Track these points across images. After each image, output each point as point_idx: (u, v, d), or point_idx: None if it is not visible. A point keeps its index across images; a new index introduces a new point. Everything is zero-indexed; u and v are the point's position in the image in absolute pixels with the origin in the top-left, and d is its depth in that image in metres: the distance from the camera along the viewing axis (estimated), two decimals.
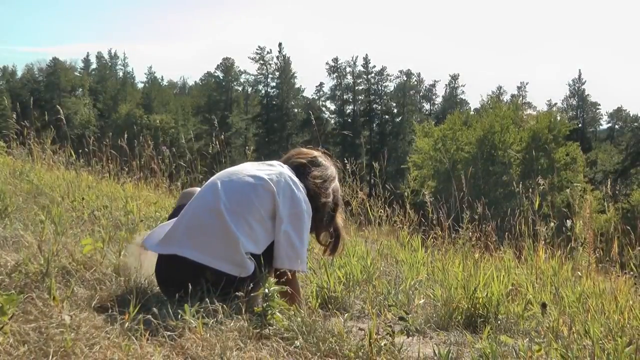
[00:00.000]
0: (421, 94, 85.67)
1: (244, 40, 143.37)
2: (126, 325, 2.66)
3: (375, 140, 75.21)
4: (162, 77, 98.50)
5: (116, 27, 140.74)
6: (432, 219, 6.65)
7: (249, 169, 3.57)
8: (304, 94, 79.91)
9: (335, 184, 3.84)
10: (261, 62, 76.86)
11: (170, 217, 3.76)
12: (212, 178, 3.62)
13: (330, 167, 3.84)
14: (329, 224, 3.84)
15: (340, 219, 3.93)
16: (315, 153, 3.88)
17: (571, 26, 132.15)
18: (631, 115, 78.66)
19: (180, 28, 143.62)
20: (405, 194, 6.93)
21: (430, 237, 6.47)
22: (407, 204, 6.78)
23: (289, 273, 3.41)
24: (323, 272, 4.47)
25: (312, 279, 4.41)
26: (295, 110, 75.46)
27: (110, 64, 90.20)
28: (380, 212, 6.66)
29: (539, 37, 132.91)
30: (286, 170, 3.60)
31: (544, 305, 3.75)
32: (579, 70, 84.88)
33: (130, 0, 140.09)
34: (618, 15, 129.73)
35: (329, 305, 4.08)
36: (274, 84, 77.18)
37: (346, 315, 3.47)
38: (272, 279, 3.17)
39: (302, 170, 3.71)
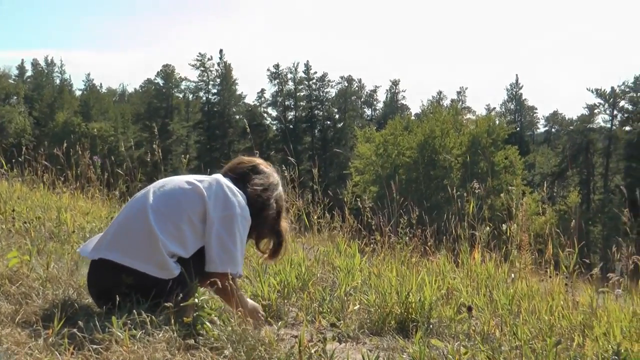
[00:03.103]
0: (362, 99, 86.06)
1: (184, 48, 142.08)
2: (50, 340, 2.61)
3: (318, 146, 75.29)
4: (100, 84, 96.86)
5: (52, 33, 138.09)
6: (371, 225, 6.67)
7: (183, 176, 3.57)
8: (246, 101, 79.68)
9: (279, 190, 3.84)
10: (202, 68, 76.32)
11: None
12: (145, 187, 3.60)
13: (272, 175, 3.84)
14: (272, 230, 3.83)
15: (285, 224, 3.92)
16: (257, 161, 3.88)
17: (508, 31, 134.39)
18: (567, 118, 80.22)
19: (120, 35, 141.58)
20: (345, 199, 6.93)
21: (363, 241, 6.48)
22: (347, 209, 6.79)
23: (226, 279, 3.37)
24: (258, 280, 4.46)
25: (246, 288, 4.40)
26: (237, 117, 75.06)
27: (46, 71, 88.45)
28: (319, 218, 6.67)
29: (477, 43, 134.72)
30: (223, 179, 3.59)
31: (469, 309, 3.80)
32: (516, 75, 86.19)
33: (66, 6, 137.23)
34: (553, 21, 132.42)
35: (265, 314, 4.07)
36: (215, 90, 76.62)
37: (280, 323, 3.47)
38: (204, 289, 3.15)
39: (243, 178, 3.71)
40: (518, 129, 77.93)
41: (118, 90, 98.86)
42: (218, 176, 3.63)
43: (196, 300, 3.01)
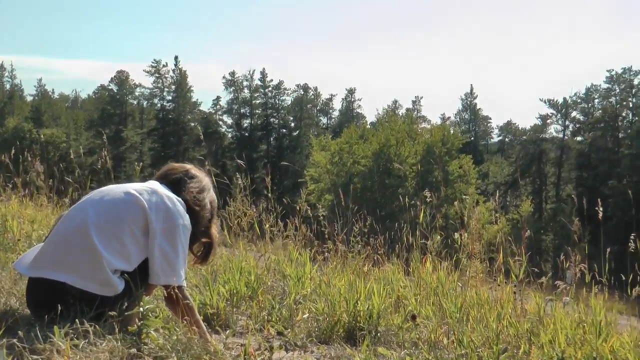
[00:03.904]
0: (318, 107, 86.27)
1: (139, 54, 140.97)
2: None
3: (273, 154, 75.17)
4: (52, 90, 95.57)
5: (2, 39, 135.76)
6: (325, 233, 6.67)
7: (121, 186, 3.53)
8: (201, 108, 79.24)
9: (211, 194, 3.88)
10: (157, 75, 75.73)
11: (45, 239, 3.67)
12: (82, 198, 3.56)
13: (204, 179, 3.86)
14: (205, 233, 3.83)
15: (214, 229, 3.92)
16: (188, 166, 3.90)
17: (463, 41, 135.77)
18: (520, 128, 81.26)
19: (73, 41, 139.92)
20: (298, 208, 6.92)
21: (313, 250, 6.47)
22: (298, 218, 6.78)
23: (172, 289, 3.35)
24: (206, 288, 4.43)
25: (195, 297, 4.36)
26: (192, 124, 74.56)
27: None
28: (272, 226, 6.64)
29: (432, 53, 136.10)
30: (161, 187, 3.57)
31: (413, 317, 3.82)
32: (471, 85, 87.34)
33: (17, 12, 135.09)
34: (506, 32, 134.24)
35: (212, 322, 4.05)
36: (170, 97, 76.07)
37: (227, 331, 3.45)
38: (149, 298, 3.11)
39: (177, 184, 3.70)
40: (472, 138, 78.85)
41: (71, 96, 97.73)
42: (156, 185, 3.60)
43: (141, 309, 2.98)
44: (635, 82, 62.70)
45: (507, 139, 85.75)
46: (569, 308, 5.12)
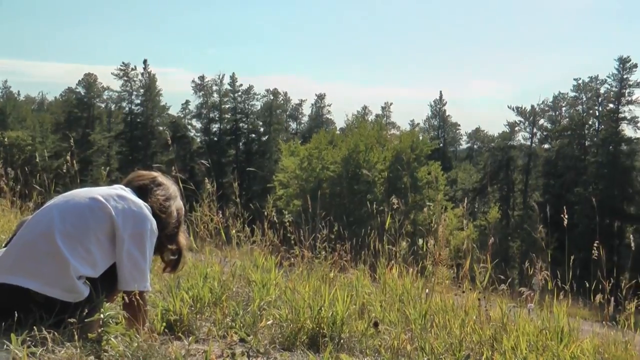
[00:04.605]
0: (288, 113, 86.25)
1: (107, 57, 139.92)
2: None
3: (242, 159, 74.96)
4: (18, 92, 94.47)
5: None
6: (292, 239, 6.67)
7: (87, 191, 3.50)
8: (170, 112, 78.76)
9: (178, 201, 3.88)
10: (125, 78, 75.16)
11: (6, 244, 3.62)
12: (47, 203, 3.52)
13: (171, 186, 3.87)
14: (172, 241, 3.82)
15: (183, 237, 3.93)
16: (155, 174, 3.90)
17: (433, 48, 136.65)
18: (488, 135, 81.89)
19: (40, 43, 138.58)
20: (266, 213, 6.90)
21: (278, 256, 6.46)
22: (266, 223, 6.76)
23: (134, 295, 3.33)
24: (170, 294, 4.39)
25: (158, 303, 4.33)
26: (161, 128, 74.06)
27: None
28: (238, 232, 6.61)
29: (401, 60, 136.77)
30: (128, 193, 3.56)
31: (375, 324, 3.83)
32: (440, 91, 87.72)
33: None
34: (476, 40, 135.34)
35: (175, 329, 4.01)
36: (138, 101, 75.57)
37: (190, 338, 3.42)
38: (110, 304, 3.09)
39: (144, 191, 3.69)
40: (441, 144, 79.27)
41: (37, 99, 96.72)
42: (122, 190, 3.58)
43: (102, 316, 2.95)
44: (602, 90, 63.52)
45: (475, 146, 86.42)
46: (533, 314, 5.16)
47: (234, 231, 6.51)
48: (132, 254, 3.36)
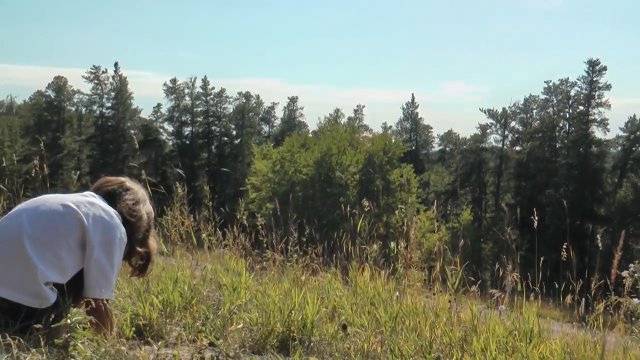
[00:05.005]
0: (260, 116, 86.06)
1: (77, 60, 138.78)
2: None
3: (214, 162, 74.72)
4: None
5: None
6: (264, 242, 6.65)
7: (58, 197, 3.48)
8: (141, 115, 78.25)
9: (147, 205, 3.87)
10: (96, 81, 74.56)
11: None
12: (16, 207, 3.49)
13: (139, 190, 3.86)
14: (142, 245, 3.80)
15: (153, 240, 3.91)
16: (122, 179, 3.89)
17: (405, 50, 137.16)
18: (460, 138, 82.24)
19: (9, 45, 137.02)
20: (238, 216, 6.88)
21: (248, 259, 6.44)
22: (237, 226, 6.74)
23: (100, 301, 3.31)
24: (140, 299, 4.36)
25: (127, 307, 4.30)
26: (132, 131, 73.56)
27: None
28: (209, 236, 6.58)
29: (373, 62, 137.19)
30: (98, 200, 3.54)
31: (344, 327, 3.83)
32: (412, 94, 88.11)
33: None
34: (448, 42, 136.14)
35: (145, 334, 3.99)
36: (109, 104, 74.95)
37: (159, 343, 3.40)
38: (77, 309, 3.06)
39: (113, 196, 3.67)
40: (413, 147, 79.48)
41: (6, 102, 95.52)
42: (93, 197, 3.56)
43: (68, 321, 2.92)
44: (572, 93, 64.07)
45: (447, 148, 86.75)
46: (504, 316, 5.19)
47: (205, 235, 6.50)
48: (100, 261, 3.34)
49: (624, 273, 4.34)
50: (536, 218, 5.92)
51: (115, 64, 74.67)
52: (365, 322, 4.72)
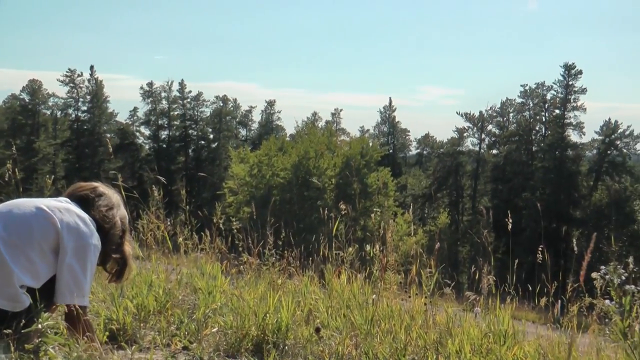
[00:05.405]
0: (237, 119, 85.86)
1: (52, 63, 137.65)
2: None
3: (191, 166, 74.47)
4: None
5: None
6: (240, 246, 6.63)
7: (32, 201, 3.45)
8: (117, 119, 77.78)
9: (122, 210, 3.83)
10: (71, 85, 74.04)
11: None
12: None
13: (113, 195, 3.82)
14: (117, 251, 3.77)
15: (128, 246, 3.88)
16: (95, 184, 3.85)
17: (381, 55, 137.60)
18: (438, 141, 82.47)
19: None
20: (215, 220, 6.85)
21: (224, 263, 6.42)
22: (214, 230, 6.72)
23: (73, 306, 3.28)
24: (113, 303, 4.34)
25: (101, 312, 4.27)
26: (108, 135, 73.12)
27: None
28: (186, 240, 6.55)
29: (350, 66, 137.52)
30: (73, 206, 3.51)
31: (317, 330, 3.83)
32: (390, 98, 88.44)
33: None
34: (425, 46, 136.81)
35: (119, 338, 3.97)
36: (85, 108, 74.44)
37: (133, 347, 3.39)
38: (48, 314, 3.03)
39: (86, 202, 3.65)
40: (391, 150, 79.71)
41: None
42: (69, 204, 3.53)
43: (40, 326, 2.89)
44: (548, 96, 64.54)
45: (425, 152, 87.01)
46: (479, 318, 5.21)
47: (181, 239, 6.47)
48: (72, 268, 3.31)
49: (594, 275, 4.37)
50: (510, 221, 5.96)
51: (91, 67, 74.28)
52: (340, 325, 4.72)
